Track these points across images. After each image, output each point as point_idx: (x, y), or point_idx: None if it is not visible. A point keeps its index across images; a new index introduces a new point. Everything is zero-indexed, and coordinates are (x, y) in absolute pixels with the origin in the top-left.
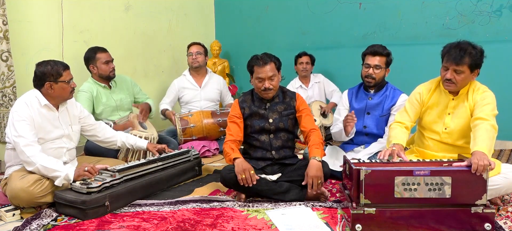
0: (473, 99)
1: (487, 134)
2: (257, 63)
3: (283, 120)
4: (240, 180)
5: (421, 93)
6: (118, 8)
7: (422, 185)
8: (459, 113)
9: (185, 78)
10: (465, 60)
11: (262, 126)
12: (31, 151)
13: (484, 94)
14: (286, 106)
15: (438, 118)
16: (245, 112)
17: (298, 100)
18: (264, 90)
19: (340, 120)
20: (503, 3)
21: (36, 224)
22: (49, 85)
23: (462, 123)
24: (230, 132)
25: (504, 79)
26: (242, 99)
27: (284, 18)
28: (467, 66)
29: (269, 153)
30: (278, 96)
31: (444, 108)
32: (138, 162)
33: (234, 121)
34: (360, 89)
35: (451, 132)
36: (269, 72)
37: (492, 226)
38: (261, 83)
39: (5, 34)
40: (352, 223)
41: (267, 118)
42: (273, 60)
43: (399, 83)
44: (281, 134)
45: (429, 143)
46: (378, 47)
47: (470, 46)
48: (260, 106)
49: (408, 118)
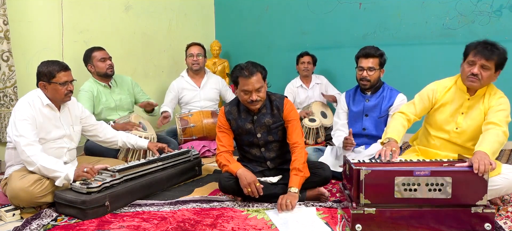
0: (488, 103)
1: (495, 138)
2: (242, 74)
3: (272, 133)
4: (247, 193)
5: (434, 90)
6: (118, 8)
7: (422, 185)
8: (473, 115)
9: (183, 79)
10: (494, 57)
11: (251, 141)
12: (31, 151)
13: (500, 99)
14: (274, 120)
15: (450, 117)
16: (232, 125)
17: (285, 110)
18: (250, 102)
19: (340, 123)
20: (503, 3)
21: (36, 224)
22: (42, 85)
23: (474, 125)
24: (221, 143)
25: (504, 79)
26: (228, 110)
27: (284, 18)
28: (494, 64)
29: (264, 164)
30: (266, 107)
31: (459, 107)
32: (138, 162)
33: (223, 130)
34: (357, 91)
35: (462, 132)
36: (256, 84)
37: (492, 226)
38: (248, 96)
39: (5, 34)
40: (352, 223)
41: (255, 133)
42: (259, 70)
43: (399, 83)
44: (273, 145)
45: (436, 142)
46: (370, 48)
47: (497, 45)
48: (246, 119)
49: (414, 110)
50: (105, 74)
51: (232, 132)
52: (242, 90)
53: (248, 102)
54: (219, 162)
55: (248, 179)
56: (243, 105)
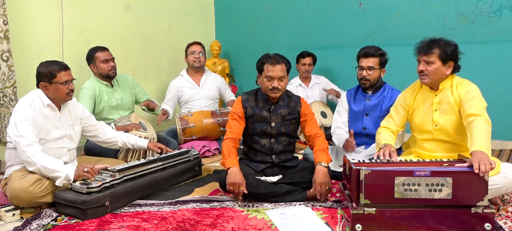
0: (458, 94)
1: (483, 130)
2: (269, 61)
3: (285, 124)
4: (228, 189)
5: (404, 97)
6: (118, 8)
7: (423, 185)
8: (446, 109)
9: (183, 78)
10: (434, 51)
11: (264, 129)
12: (32, 151)
13: (468, 88)
14: (290, 111)
15: (426, 117)
16: (247, 112)
17: (303, 106)
18: (272, 89)
19: (340, 121)
20: (503, 3)
21: (36, 224)
22: (43, 85)
23: (452, 119)
24: (230, 129)
25: (504, 79)
26: (246, 98)
27: (284, 18)
28: (437, 57)
29: (269, 157)
30: (283, 100)
31: (430, 105)
32: (138, 162)
33: (235, 118)
34: (358, 91)
35: (442, 128)
36: (279, 73)
37: (492, 226)
38: (270, 82)
39: (5, 34)
40: (352, 223)
41: (270, 121)
42: (284, 62)
43: (399, 83)
44: (283, 138)
45: (425, 144)
46: (370, 48)
47: (442, 40)
48: (263, 108)
49: (394, 123)
50: (107, 75)
51: (245, 121)
52: (266, 76)
53: (269, 90)
54: (222, 149)
55: (236, 179)
56: (261, 94)
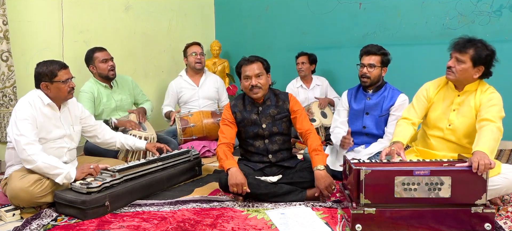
0: (479, 100)
1: (491, 135)
2: (244, 62)
3: (276, 124)
4: (231, 190)
5: (427, 89)
6: (118, 8)
7: (422, 185)
8: (464, 112)
9: (182, 79)
10: (468, 51)
11: (256, 131)
12: (32, 150)
13: (491, 95)
14: (279, 110)
15: (442, 114)
16: (237, 117)
17: (291, 102)
18: (251, 89)
19: (339, 120)
20: (503, 3)
21: (36, 224)
22: (45, 85)
23: (467, 122)
24: (223, 134)
25: (504, 79)
26: (234, 103)
27: (284, 18)
28: (469, 58)
29: (266, 157)
30: (270, 99)
31: (450, 104)
32: (138, 162)
33: (226, 123)
34: (359, 90)
35: (455, 129)
36: (256, 70)
37: (492, 226)
38: (248, 82)
39: (5, 34)
40: (352, 223)
41: (260, 123)
42: (260, 60)
43: (399, 83)
44: (276, 137)
45: (432, 141)
46: (372, 46)
47: (480, 42)
48: (252, 110)
49: (415, 113)
50: (106, 76)
51: (236, 125)
52: (244, 77)
53: (249, 90)
54: (217, 154)
55: (237, 179)
56: (248, 98)
